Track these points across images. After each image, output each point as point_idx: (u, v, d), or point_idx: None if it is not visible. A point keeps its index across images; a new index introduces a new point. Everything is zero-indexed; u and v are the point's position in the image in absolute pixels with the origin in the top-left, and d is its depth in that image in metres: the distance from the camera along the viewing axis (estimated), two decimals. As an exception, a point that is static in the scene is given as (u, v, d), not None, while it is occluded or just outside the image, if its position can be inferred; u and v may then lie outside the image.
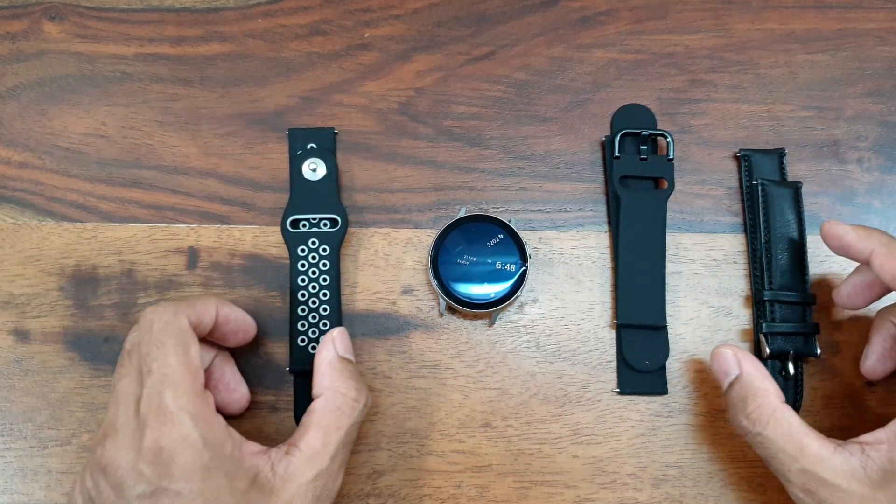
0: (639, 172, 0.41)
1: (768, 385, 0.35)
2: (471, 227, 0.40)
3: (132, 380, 0.32)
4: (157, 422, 0.30)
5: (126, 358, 0.33)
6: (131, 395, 0.31)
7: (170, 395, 0.30)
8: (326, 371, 0.35)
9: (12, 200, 0.42)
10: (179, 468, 0.30)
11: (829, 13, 0.44)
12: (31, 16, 0.44)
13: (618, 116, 0.43)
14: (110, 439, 0.31)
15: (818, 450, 0.32)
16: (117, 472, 0.30)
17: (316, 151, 0.41)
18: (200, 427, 0.30)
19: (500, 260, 0.39)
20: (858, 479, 0.31)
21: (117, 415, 0.31)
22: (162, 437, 0.30)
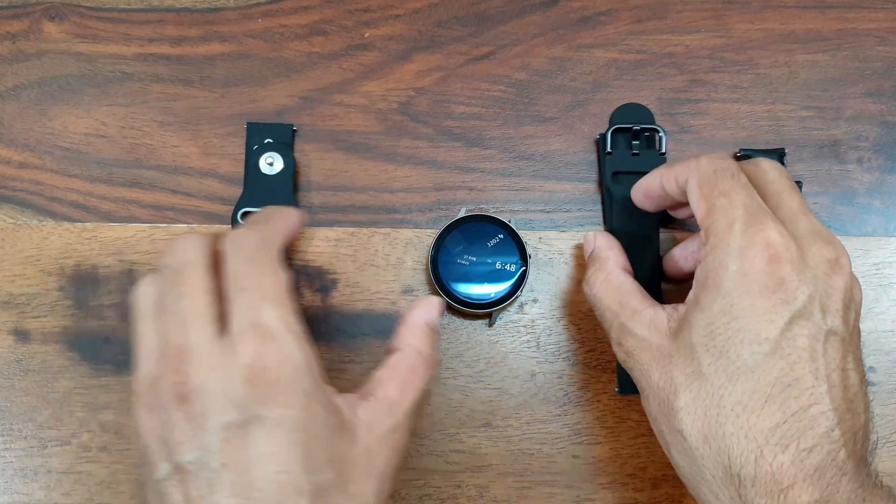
0: (631, 168, 0.41)
1: (610, 254, 0.36)
2: (471, 227, 0.40)
3: (197, 298, 0.28)
4: (260, 338, 0.27)
5: (178, 277, 0.29)
6: (204, 316, 0.28)
7: (271, 311, 0.28)
8: (416, 329, 0.33)
9: (12, 200, 0.42)
10: (283, 390, 0.27)
11: (830, 13, 0.44)
12: (31, 16, 0.44)
13: (616, 115, 0.43)
14: (191, 363, 0.27)
15: (636, 304, 0.33)
16: (204, 398, 0.26)
17: (274, 146, 0.41)
18: (305, 349, 0.28)
19: (501, 260, 0.39)
20: (660, 330, 0.32)
21: (189, 337, 0.27)
22: (265, 356, 0.27)
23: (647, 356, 0.32)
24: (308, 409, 0.27)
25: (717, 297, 0.29)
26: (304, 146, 0.43)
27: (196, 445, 0.26)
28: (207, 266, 0.29)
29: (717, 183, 0.31)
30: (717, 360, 0.29)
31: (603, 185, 0.42)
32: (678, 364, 0.30)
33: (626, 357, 0.33)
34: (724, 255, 0.29)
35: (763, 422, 0.28)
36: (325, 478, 0.27)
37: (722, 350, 0.29)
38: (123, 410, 0.40)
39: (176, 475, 0.27)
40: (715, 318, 0.29)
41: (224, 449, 0.26)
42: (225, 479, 0.26)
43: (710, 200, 0.31)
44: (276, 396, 0.27)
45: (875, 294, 0.41)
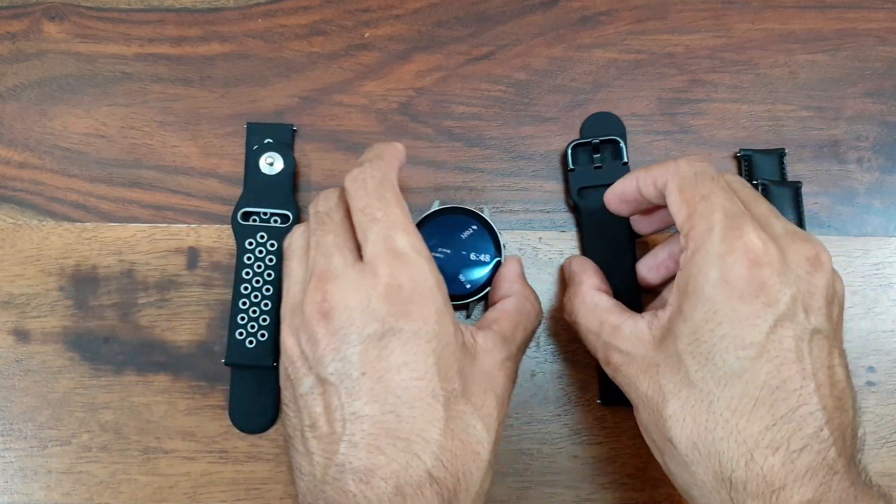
0: (596, 182, 0.41)
1: (584, 277, 0.36)
2: (444, 220, 0.39)
3: (339, 235, 0.31)
4: (394, 260, 0.29)
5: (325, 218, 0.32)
6: (343, 246, 0.31)
7: (402, 238, 0.30)
8: (517, 279, 0.37)
9: (12, 200, 0.42)
10: (417, 307, 0.29)
11: (829, 13, 0.44)
12: (31, 16, 0.44)
13: (587, 125, 0.42)
14: (333, 283, 0.30)
15: (614, 320, 0.33)
16: (345, 313, 0.29)
17: (274, 146, 0.41)
18: (434, 272, 0.30)
19: (475, 251, 0.39)
20: (643, 341, 0.31)
21: (331, 263, 0.30)
22: (400, 275, 0.29)
23: (633, 368, 0.32)
24: (440, 324, 0.29)
25: (700, 305, 0.29)
26: (304, 146, 0.43)
27: (337, 357, 0.29)
28: (345, 209, 0.33)
29: (698, 186, 0.31)
30: (703, 367, 0.29)
31: (570, 202, 0.42)
32: (665, 373, 0.30)
33: (615, 373, 0.33)
34: (704, 261, 0.29)
35: (753, 425, 0.28)
36: (454, 386, 0.29)
37: (708, 357, 0.29)
38: (124, 410, 0.40)
39: (318, 387, 0.29)
40: (699, 326, 0.29)
41: (364, 359, 0.29)
42: (364, 387, 0.28)
43: (692, 205, 0.30)
44: (412, 311, 0.29)
45: (875, 294, 0.41)
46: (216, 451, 0.39)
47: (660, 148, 0.43)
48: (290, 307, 0.32)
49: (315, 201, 0.34)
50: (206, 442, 0.39)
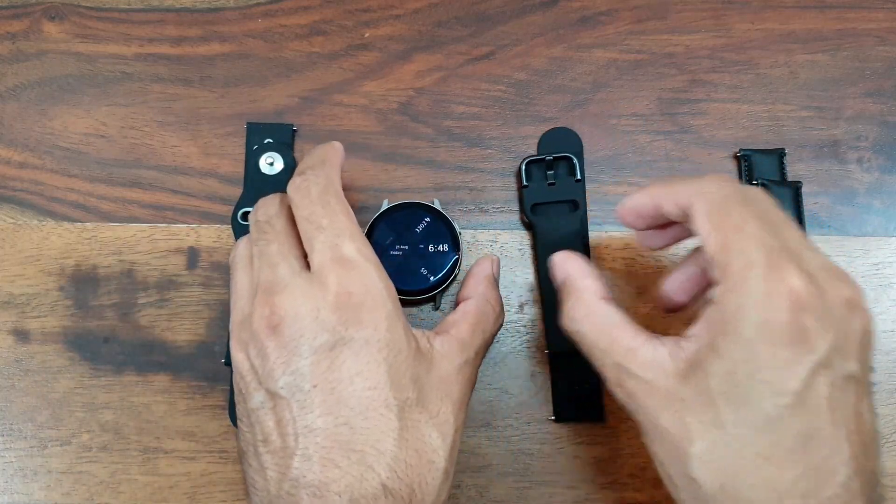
0: (549, 198, 0.41)
1: (587, 283, 0.33)
2: (397, 217, 0.40)
3: (283, 244, 0.31)
4: (342, 268, 0.29)
5: (267, 227, 0.32)
6: (288, 254, 0.31)
7: (349, 245, 0.30)
8: (482, 281, 0.37)
9: (12, 200, 0.42)
10: (368, 314, 0.29)
11: (829, 13, 0.44)
12: (31, 16, 0.44)
13: (544, 140, 0.42)
14: (280, 295, 0.29)
15: (629, 342, 0.30)
16: (294, 325, 0.29)
17: (274, 146, 0.41)
18: (383, 277, 0.30)
19: (433, 243, 0.39)
20: (665, 371, 0.29)
21: (277, 274, 0.30)
22: (350, 283, 0.29)
23: (653, 399, 0.29)
24: (391, 331, 0.29)
25: (738, 345, 0.27)
26: (304, 146, 0.43)
27: (288, 371, 0.29)
28: (288, 217, 0.33)
29: (730, 213, 0.29)
30: (737, 411, 0.28)
31: (524, 219, 0.41)
32: (692, 410, 0.28)
33: (628, 398, 0.31)
34: (744, 300, 0.27)
35: (785, 474, 0.27)
36: (409, 395, 0.29)
37: (743, 401, 0.27)
38: (124, 410, 0.40)
39: (269, 402, 0.29)
40: (736, 367, 0.27)
41: (315, 371, 0.28)
42: (316, 400, 0.28)
43: (724, 234, 0.28)
44: (363, 318, 0.29)
45: (875, 294, 0.41)
46: (216, 451, 0.39)
47: (660, 148, 0.43)
48: (238, 321, 0.31)
49: (254, 210, 0.34)
50: (206, 442, 0.39)
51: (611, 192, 0.42)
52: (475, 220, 0.42)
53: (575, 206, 0.41)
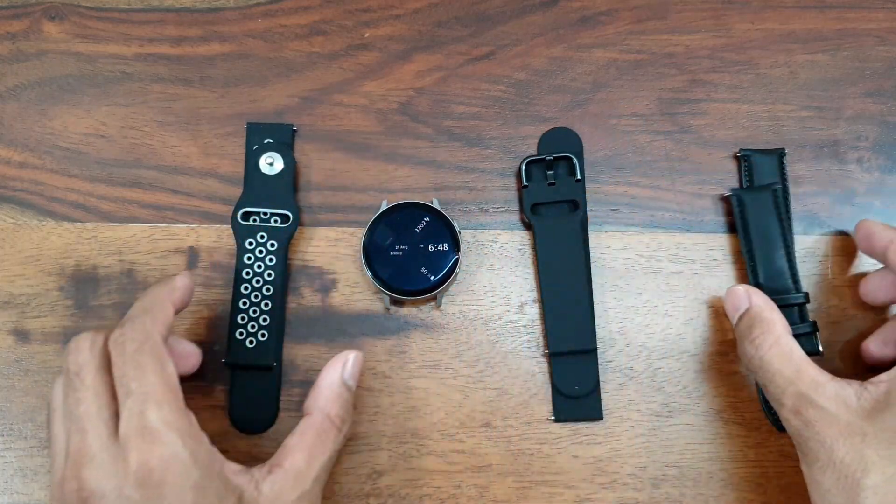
0: (549, 198, 0.41)
1: (775, 317, 0.36)
2: (396, 217, 0.40)
3: (93, 403, 0.30)
4: (144, 442, 0.29)
5: (76, 381, 0.31)
6: (98, 419, 0.30)
7: (154, 413, 0.29)
8: (325, 392, 0.35)
9: (12, 200, 0.42)
10: (171, 489, 0.28)
11: (829, 13, 0.44)
12: (31, 16, 0.44)
13: (544, 140, 0.42)
14: (87, 468, 0.29)
15: (815, 375, 0.33)
16: (102, 501, 0.28)
17: (274, 146, 0.41)
18: (189, 445, 0.29)
19: (432, 242, 0.39)
20: (849, 407, 0.32)
21: (86, 441, 0.29)
22: (150, 458, 0.28)
23: (832, 430, 0.32)
24: (198, 501, 0.29)
25: None
26: (304, 146, 0.43)
27: None
28: (99, 367, 0.31)
29: None
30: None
31: (524, 219, 0.41)
32: (872, 444, 0.31)
33: (804, 426, 0.33)
34: None
35: None
36: None
37: None
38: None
39: None
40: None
41: None
42: None
43: None
44: (166, 495, 0.28)
45: (875, 294, 0.41)
46: (216, 451, 0.39)
47: (660, 148, 0.43)
48: (56, 481, 0.30)
49: (66, 353, 0.32)
50: (206, 442, 0.39)
51: (611, 192, 0.42)
52: (475, 220, 0.42)
53: (575, 206, 0.41)
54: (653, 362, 0.40)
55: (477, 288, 0.41)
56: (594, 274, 0.41)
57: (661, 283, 0.41)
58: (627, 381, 0.40)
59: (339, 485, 0.39)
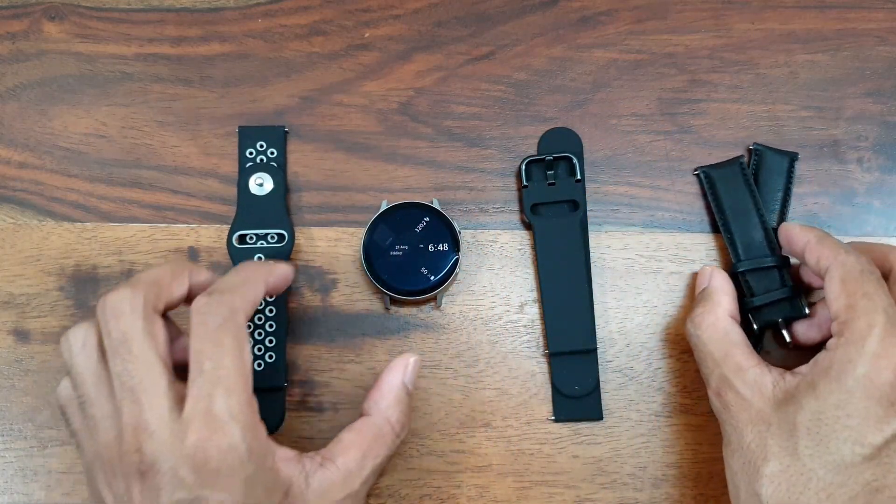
0: (549, 198, 0.41)
1: (723, 300, 0.37)
2: (396, 217, 0.40)
3: (147, 374, 0.29)
4: (207, 428, 0.28)
5: (124, 350, 0.29)
6: (155, 391, 0.29)
7: (222, 400, 0.29)
8: (387, 395, 0.35)
9: (12, 200, 0.42)
10: (224, 479, 0.28)
11: (830, 13, 0.44)
12: (31, 16, 0.44)
13: (544, 141, 0.42)
14: (147, 441, 0.28)
15: (741, 360, 0.34)
16: (156, 477, 0.28)
17: (263, 165, 0.41)
18: (248, 438, 0.29)
19: (432, 242, 0.39)
20: (763, 394, 0.33)
21: (145, 414, 0.29)
22: (209, 446, 0.28)
23: (744, 415, 0.33)
24: (248, 495, 0.29)
25: (836, 391, 0.31)
26: (304, 146, 0.43)
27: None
28: (146, 333, 0.30)
29: (862, 283, 0.32)
30: (816, 446, 0.30)
31: (524, 219, 0.41)
32: (775, 434, 0.32)
33: (722, 408, 0.34)
34: (857, 354, 0.31)
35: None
36: None
37: (823, 439, 0.30)
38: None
39: None
40: (827, 409, 0.31)
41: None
42: None
43: (853, 298, 0.32)
44: (218, 483, 0.28)
45: (875, 294, 0.41)
46: (216, 451, 0.39)
47: (660, 148, 0.43)
48: (106, 450, 0.30)
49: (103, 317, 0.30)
50: (206, 442, 0.39)
51: (611, 192, 0.42)
52: (475, 220, 0.42)
53: (575, 206, 0.41)
54: (653, 362, 0.40)
55: (477, 288, 0.41)
56: (594, 274, 0.41)
57: (662, 283, 0.41)
58: (627, 381, 0.40)
59: (339, 485, 0.39)
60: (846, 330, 0.32)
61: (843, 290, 0.32)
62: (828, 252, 0.34)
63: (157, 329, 0.30)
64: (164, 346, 0.30)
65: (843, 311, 0.32)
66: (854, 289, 0.32)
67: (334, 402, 0.40)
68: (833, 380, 0.31)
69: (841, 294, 0.32)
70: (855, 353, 0.31)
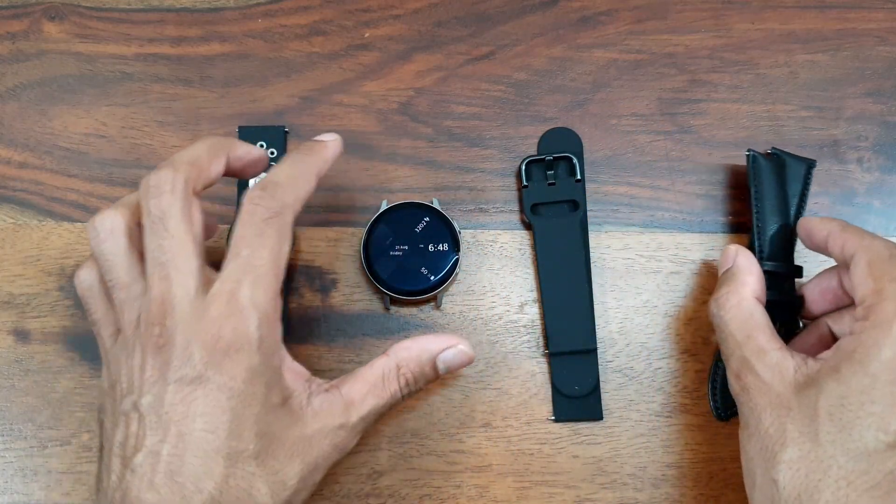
0: (549, 198, 0.41)
1: (749, 279, 0.35)
2: (396, 217, 0.40)
3: (179, 252, 0.30)
4: (226, 309, 0.29)
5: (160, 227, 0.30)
6: (185, 269, 0.30)
7: (248, 288, 0.30)
8: (415, 351, 0.34)
9: (12, 200, 0.42)
10: (231, 362, 0.29)
11: (830, 13, 0.44)
12: (31, 16, 0.44)
13: (544, 141, 0.42)
14: (169, 317, 0.29)
15: (763, 343, 0.33)
16: (172, 351, 0.29)
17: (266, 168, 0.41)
18: (263, 330, 0.30)
19: (432, 242, 0.39)
20: (784, 378, 0.32)
21: (173, 289, 0.29)
22: (225, 328, 0.29)
23: (764, 399, 0.32)
24: (249, 383, 0.29)
25: (860, 375, 0.30)
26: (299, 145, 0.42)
27: (153, 391, 0.29)
28: (183, 213, 0.30)
29: (891, 267, 0.31)
30: (837, 432, 0.30)
31: (524, 219, 0.42)
32: (795, 419, 0.31)
33: (741, 391, 0.33)
34: (883, 338, 0.30)
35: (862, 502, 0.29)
36: (246, 446, 0.29)
37: (846, 425, 0.29)
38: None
39: (133, 412, 0.30)
40: (850, 393, 0.30)
41: (171, 400, 0.29)
42: (161, 425, 0.29)
43: (881, 282, 0.31)
44: (224, 365, 0.29)
45: (875, 294, 0.41)
46: (216, 451, 0.39)
47: (660, 148, 0.43)
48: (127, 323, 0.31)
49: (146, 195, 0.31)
50: (206, 442, 0.39)
51: (611, 192, 0.42)
52: (475, 220, 0.42)
53: (575, 206, 0.41)
54: (653, 362, 0.40)
55: (477, 288, 0.41)
56: (594, 274, 0.41)
57: (662, 283, 0.41)
58: (627, 381, 0.40)
59: (338, 485, 0.39)
60: (872, 313, 0.30)
61: (869, 273, 0.31)
62: (853, 238, 0.33)
63: (194, 210, 0.31)
64: (199, 228, 0.31)
65: (871, 295, 0.31)
66: (881, 273, 0.31)
67: (334, 402, 0.40)
68: (857, 363, 0.30)
69: (868, 278, 0.31)
70: (881, 337, 0.30)
